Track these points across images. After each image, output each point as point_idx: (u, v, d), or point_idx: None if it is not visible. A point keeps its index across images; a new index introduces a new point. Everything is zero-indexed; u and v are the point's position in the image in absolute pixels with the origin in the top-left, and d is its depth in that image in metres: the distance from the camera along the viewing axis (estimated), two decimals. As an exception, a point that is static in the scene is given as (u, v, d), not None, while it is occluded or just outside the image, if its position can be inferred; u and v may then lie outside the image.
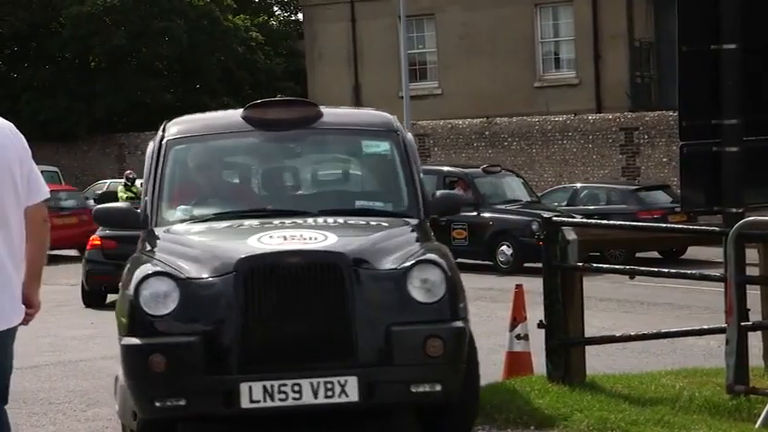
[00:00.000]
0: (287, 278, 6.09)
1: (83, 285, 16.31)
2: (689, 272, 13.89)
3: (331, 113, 7.83)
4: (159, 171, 7.31)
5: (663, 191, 22.08)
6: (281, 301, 6.09)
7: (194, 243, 6.66)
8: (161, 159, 7.36)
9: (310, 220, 6.82)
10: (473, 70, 30.78)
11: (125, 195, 23.85)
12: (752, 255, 7.40)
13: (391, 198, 7.39)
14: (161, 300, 6.11)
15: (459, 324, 6.21)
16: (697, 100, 7.30)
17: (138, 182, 25.00)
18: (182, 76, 38.35)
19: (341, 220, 6.90)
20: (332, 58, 33.24)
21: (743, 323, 7.06)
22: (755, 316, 7.47)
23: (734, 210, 7.21)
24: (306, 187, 7.78)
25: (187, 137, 7.61)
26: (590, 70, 29.78)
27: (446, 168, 21.96)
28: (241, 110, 7.71)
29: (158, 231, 7.02)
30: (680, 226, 13.53)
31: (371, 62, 32.66)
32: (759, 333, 7.75)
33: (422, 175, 7.52)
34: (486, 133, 28.64)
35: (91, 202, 29.55)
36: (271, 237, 6.40)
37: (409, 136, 7.84)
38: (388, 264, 6.25)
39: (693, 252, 20.13)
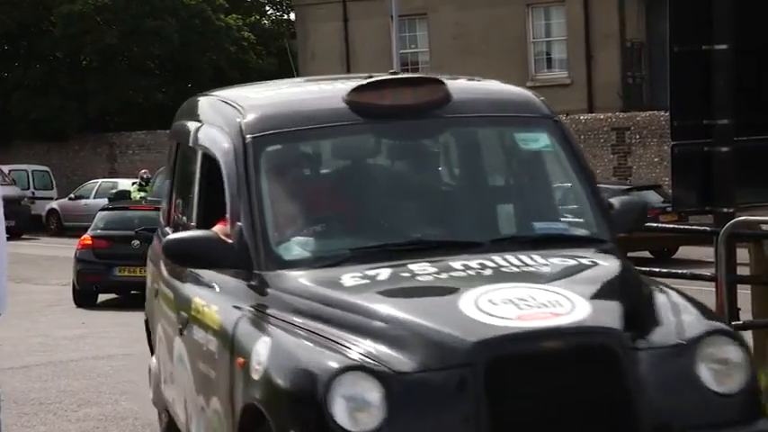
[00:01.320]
0: (547, 371, 4.22)
1: (74, 285, 16.27)
2: (680, 271, 13.94)
3: (461, 91, 5.53)
4: (252, 184, 5.05)
5: (654, 191, 22.11)
6: (542, 403, 4.21)
7: (372, 311, 4.44)
8: (249, 167, 5.10)
9: (498, 259, 4.76)
10: (466, 70, 30.56)
11: (138, 196, 23.78)
12: (743, 254, 7.42)
13: (575, 215, 5.38)
14: (364, 409, 4.07)
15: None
16: (688, 100, 7.31)
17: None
18: (173, 76, 38.28)
19: (539, 258, 4.82)
20: (324, 58, 33.23)
21: (734, 323, 7.07)
22: (746, 315, 7.48)
23: (725, 209, 7.22)
24: (461, 205, 5.36)
25: (280, 134, 5.27)
26: (582, 70, 29.81)
27: None
28: (334, 87, 5.59)
29: (285, 282, 4.78)
30: (671, 226, 13.56)
31: (364, 62, 32.62)
32: (750, 333, 7.76)
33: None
34: (479, 133, 28.62)
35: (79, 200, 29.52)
36: (492, 302, 4.37)
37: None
38: (661, 336, 4.40)
39: (685, 252, 20.17)
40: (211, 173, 5.48)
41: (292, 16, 40.85)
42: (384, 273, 4.69)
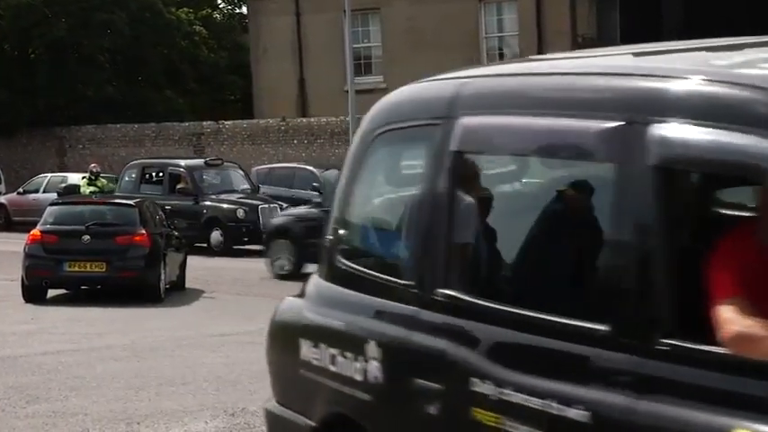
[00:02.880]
0: None
1: (23, 280, 16.09)
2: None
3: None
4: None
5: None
6: None
7: None
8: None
9: None
10: (418, 65, 30.77)
11: (88, 190, 23.57)
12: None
13: None
14: None
15: None
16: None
17: (102, 176, 24.93)
18: (124, 69, 37.98)
19: None
20: (277, 52, 33.12)
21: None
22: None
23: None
24: None
25: None
26: (534, 66, 29.95)
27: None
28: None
29: None
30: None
31: (316, 56, 32.60)
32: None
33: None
34: (431, 128, 28.71)
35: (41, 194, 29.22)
36: None
37: None
38: None
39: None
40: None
41: (244, 10, 40.70)
42: None
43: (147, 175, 24.62)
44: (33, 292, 15.96)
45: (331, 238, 4.80)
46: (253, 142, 31.11)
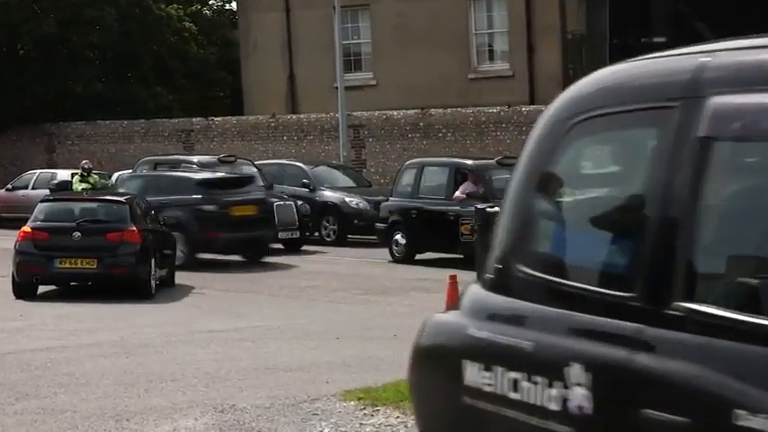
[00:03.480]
0: None
1: (13, 277, 16.08)
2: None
3: None
4: None
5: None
6: None
7: None
8: None
9: None
10: (408, 61, 30.82)
11: (80, 187, 23.49)
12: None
13: None
14: None
15: None
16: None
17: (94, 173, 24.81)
18: (113, 66, 37.89)
19: None
20: (266, 48, 33.08)
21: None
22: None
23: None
24: None
25: None
26: (523, 62, 29.98)
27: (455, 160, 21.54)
28: None
29: None
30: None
31: (306, 52, 32.56)
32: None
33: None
34: (421, 124, 28.70)
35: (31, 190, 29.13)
36: None
37: None
38: None
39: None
40: None
41: (234, 6, 40.64)
42: None
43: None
44: (24, 289, 15.95)
45: (503, 243, 4.13)
46: (242, 138, 31.08)
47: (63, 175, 27.90)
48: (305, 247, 22.61)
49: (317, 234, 23.54)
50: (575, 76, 30.21)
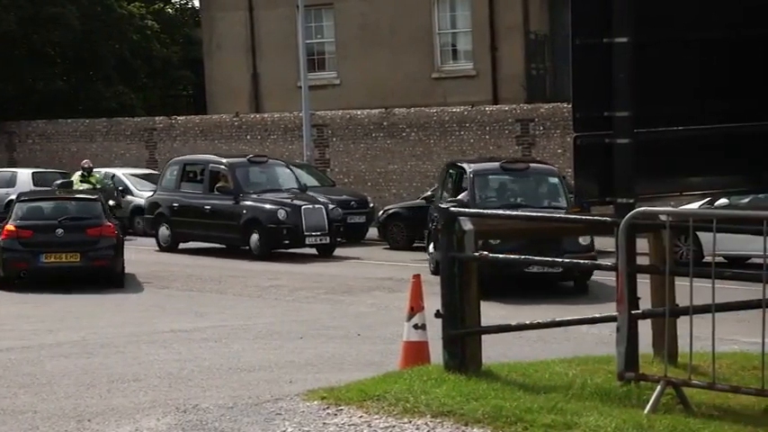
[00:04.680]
0: None
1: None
2: (582, 261, 14.13)
3: None
4: None
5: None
6: None
7: None
8: None
9: None
10: (371, 61, 30.83)
11: (81, 186, 23.38)
12: (643, 244, 7.56)
13: None
14: None
15: None
16: (590, 92, 7.41)
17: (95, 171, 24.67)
18: (75, 64, 37.58)
19: None
20: (230, 47, 32.96)
21: (633, 312, 7.21)
22: (645, 304, 7.62)
23: (625, 200, 7.34)
24: None
25: None
26: (486, 62, 30.07)
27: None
28: None
29: None
30: (573, 216, 13.72)
31: (270, 52, 32.48)
32: (649, 321, 7.91)
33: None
34: (385, 123, 28.72)
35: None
36: None
37: None
38: None
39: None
40: None
41: (197, 3, 40.42)
42: None
43: (191, 173, 23.11)
44: (9, 284, 16.81)
45: None
46: (206, 137, 30.94)
47: (23, 173, 28.00)
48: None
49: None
50: (537, 75, 30.39)
